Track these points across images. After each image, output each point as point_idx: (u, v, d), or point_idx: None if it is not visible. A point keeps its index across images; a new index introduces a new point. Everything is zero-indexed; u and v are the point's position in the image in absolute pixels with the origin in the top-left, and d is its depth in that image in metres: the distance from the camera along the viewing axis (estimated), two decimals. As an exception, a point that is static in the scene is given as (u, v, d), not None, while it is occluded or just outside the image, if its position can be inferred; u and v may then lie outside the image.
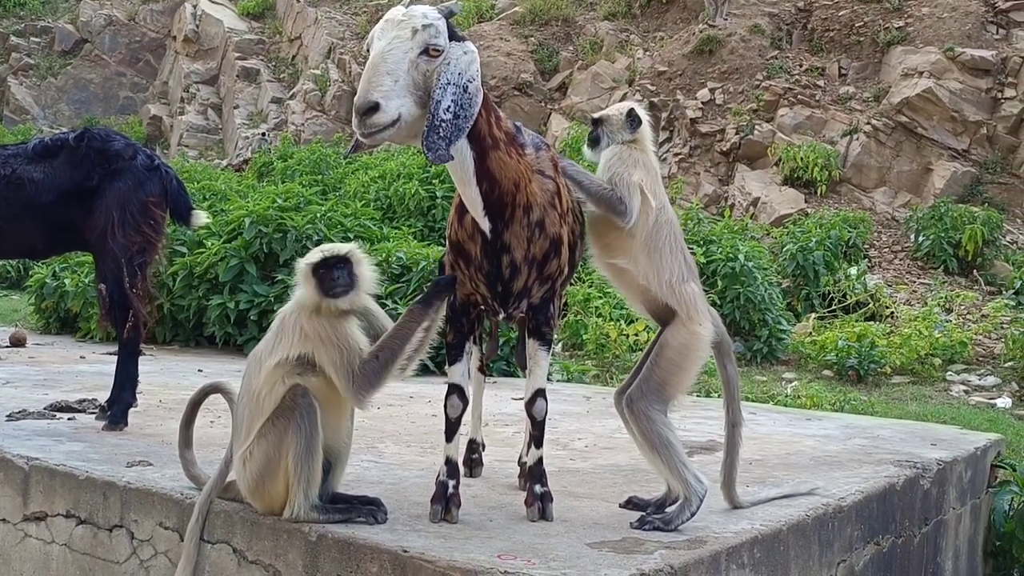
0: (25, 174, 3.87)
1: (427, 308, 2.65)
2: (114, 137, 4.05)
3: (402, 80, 2.35)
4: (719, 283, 9.38)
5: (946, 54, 14.12)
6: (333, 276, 2.59)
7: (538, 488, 2.76)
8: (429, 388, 5.48)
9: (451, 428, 2.78)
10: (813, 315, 10.33)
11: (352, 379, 2.54)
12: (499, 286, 2.66)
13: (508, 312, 2.75)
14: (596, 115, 2.99)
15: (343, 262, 2.62)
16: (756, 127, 14.77)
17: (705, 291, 10.07)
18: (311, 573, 2.53)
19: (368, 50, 2.45)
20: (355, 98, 2.37)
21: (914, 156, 13.93)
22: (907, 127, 13.95)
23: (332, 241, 7.54)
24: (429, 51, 2.39)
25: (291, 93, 20.76)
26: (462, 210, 2.65)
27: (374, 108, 2.32)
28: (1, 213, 3.85)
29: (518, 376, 6.75)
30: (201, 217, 4.29)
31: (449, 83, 2.39)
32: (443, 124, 2.36)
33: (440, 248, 8.39)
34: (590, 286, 9.07)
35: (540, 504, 2.73)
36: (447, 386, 2.81)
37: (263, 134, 19.46)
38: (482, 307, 2.76)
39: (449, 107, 2.37)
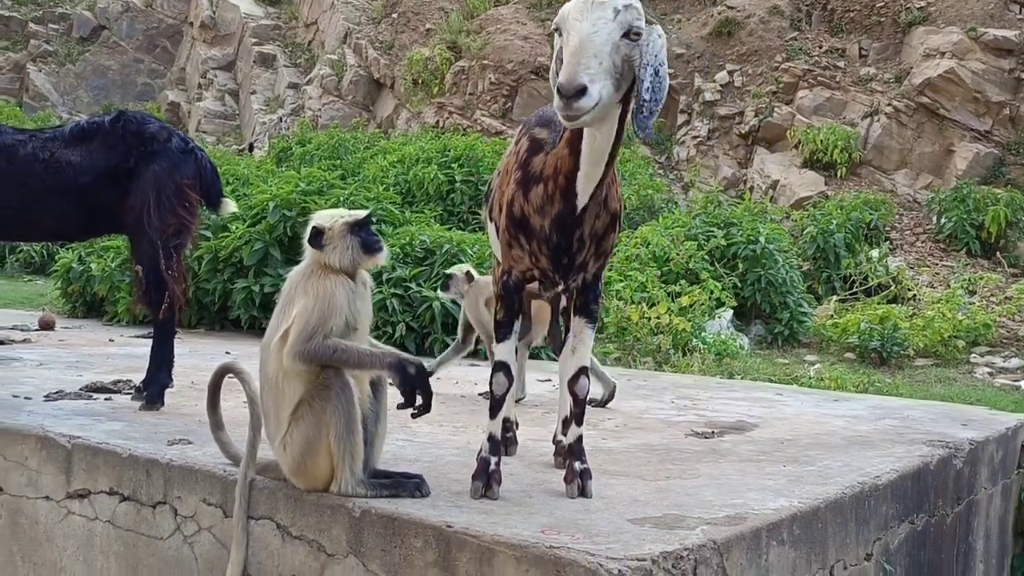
0: (63, 157, 3.90)
1: (393, 370, 2.61)
2: (149, 120, 4.08)
3: (605, 62, 2.36)
4: (740, 266, 9.37)
5: (968, 34, 14.00)
6: (373, 234, 2.66)
7: (578, 465, 2.78)
8: (455, 370, 5.51)
9: (496, 405, 2.80)
10: (834, 298, 10.31)
11: (301, 345, 2.56)
12: (564, 259, 2.71)
13: (567, 285, 2.80)
14: None
15: (370, 223, 2.72)
16: (775, 109, 14.70)
17: (726, 274, 10.01)
18: (355, 548, 2.56)
19: (557, 30, 2.45)
20: (560, 79, 2.35)
21: (936, 137, 13.84)
22: (929, 108, 13.85)
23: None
24: (630, 34, 2.41)
25: (308, 78, 20.77)
26: (528, 184, 2.67)
27: (582, 91, 2.32)
28: (40, 196, 3.88)
29: (541, 358, 6.77)
30: (230, 206, 4.31)
31: (648, 65, 2.42)
32: (646, 104, 2.42)
33: (460, 232, 8.40)
34: (610, 269, 9.07)
35: (580, 481, 2.75)
36: (494, 363, 2.83)
37: (280, 118, 19.50)
38: (539, 282, 2.79)
39: (648, 87, 2.41)
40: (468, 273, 4.74)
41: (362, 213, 2.72)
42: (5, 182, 3.88)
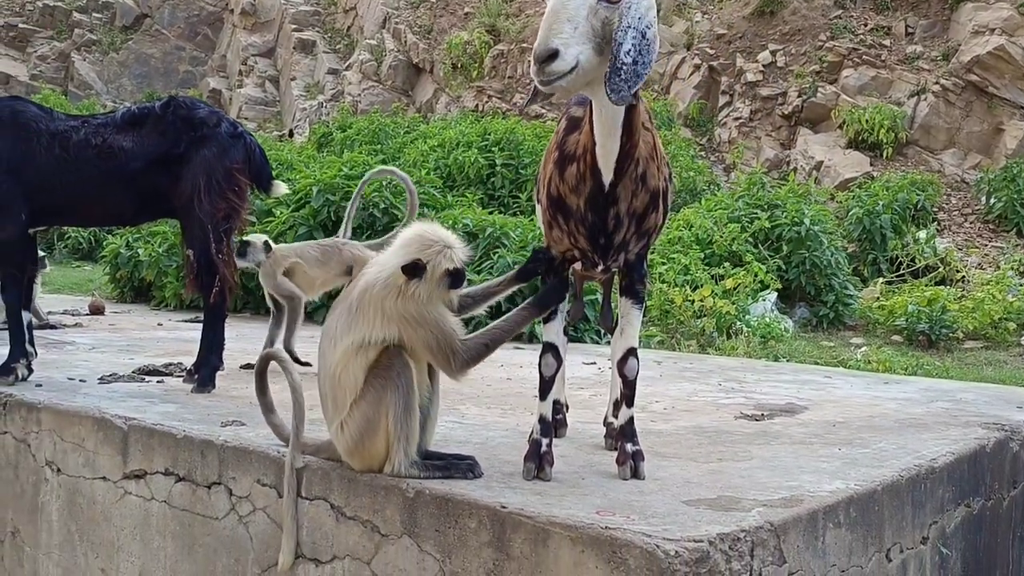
0: (115, 143, 3.94)
1: (542, 310, 2.72)
2: (199, 105, 4.11)
3: (581, 27, 2.33)
4: (784, 248, 9.28)
5: (1019, 10, 13.69)
6: (463, 275, 2.62)
7: (630, 447, 2.76)
8: (500, 353, 5.50)
9: (545, 387, 2.79)
10: (881, 280, 10.18)
11: (453, 358, 2.58)
12: (602, 238, 2.66)
13: (607, 265, 2.75)
14: None
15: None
16: (819, 89, 14.49)
17: (770, 256, 9.88)
18: (409, 528, 2.57)
19: None
20: (534, 46, 2.35)
21: (984, 116, 13.57)
22: (977, 86, 13.58)
23: (399, 210, 7.60)
24: None
25: (347, 64, 20.86)
26: (564, 163, 2.65)
27: (553, 56, 2.31)
28: (93, 181, 3.94)
29: (585, 342, 6.76)
30: (281, 187, 4.35)
31: (630, 27, 2.36)
32: (624, 67, 2.35)
33: (501, 215, 8.39)
34: (652, 252, 9.02)
35: (632, 462, 2.74)
36: (542, 344, 2.82)
37: (320, 104, 19.60)
38: (580, 262, 2.76)
39: (629, 51, 2.35)
40: (266, 242, 4.75)
41: (463, 253, 2.62)
42: (59, 168, 3.94)
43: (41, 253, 5.03)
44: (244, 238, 4.80)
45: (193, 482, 3.11)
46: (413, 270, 2.56)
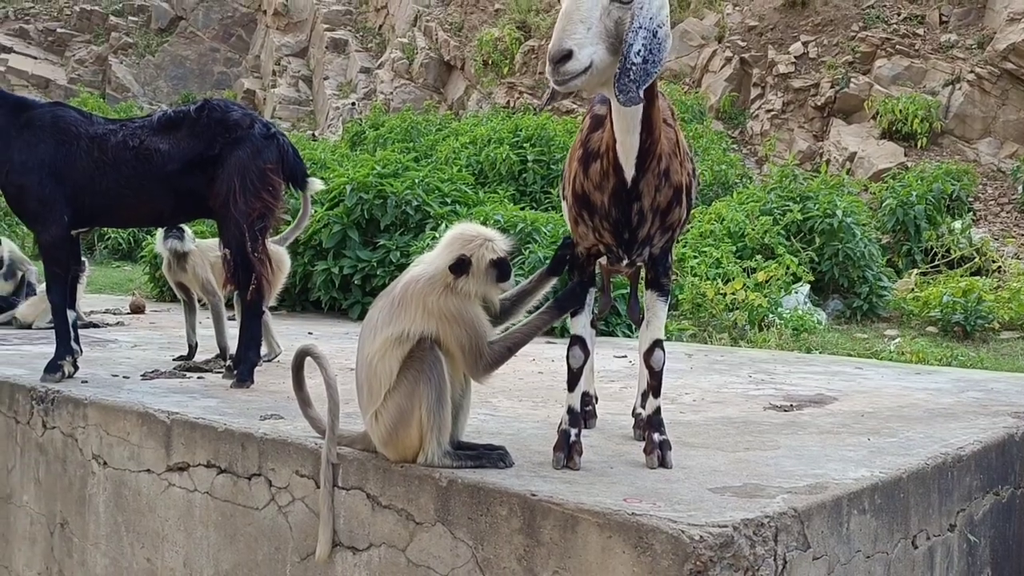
0: (152, 145, 4.06)
1: (561, 314, 2.79)
2: (232, 107, 4.21)
3: (595, 27, 2.39)
4: (816, 240, 9.25)
5: (1056, -4, 13.49)
6: (509, 264, 2.68)
7: (657, 436, 2.82)
8: (531, 347, 5.56)
9: (573, 378, 2.85)
10: (915, 271, 10.10)
11: (479, 360, 2.66)
12: (626, 233, 2.71)
13: (631, 259, 2.80)
14: None
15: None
16: (852, 80, 14.38)
17: (802, 248, 9.84)
18: (442, 516, 2.65)
19: None
20: (549, 46, 2.41)
21: (1021, 104, 13.39)
22: (1013, 74, 13.40)
23: (431, 207, 7.69)
24: None
25: (379, 62, 21.01)
26: (588, 160, 2.70)
27: (567, 56, 2.37)
28: (132, 183, 4.06)
29: (616, 335, 6.80)
30: (317, 184, 4.45)
31: (641, 27, 2.42)
32: (633, 67, 2.40)
33: (533, 211, 8.46)
34: (684, 246, 9.03)
35: (660, 452, 2.79)
36: (570, 337, 2.88)
37: (353, 103, 19.76)
38: (605, 256, 2.82)
39: (639, 51, 2.40)
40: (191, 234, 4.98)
41: (505, 244, 2.71)
42: (99, 170, 4.06)
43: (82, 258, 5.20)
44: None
45: (234, 474, 3.21)
46: (459, 267, 2.65)
